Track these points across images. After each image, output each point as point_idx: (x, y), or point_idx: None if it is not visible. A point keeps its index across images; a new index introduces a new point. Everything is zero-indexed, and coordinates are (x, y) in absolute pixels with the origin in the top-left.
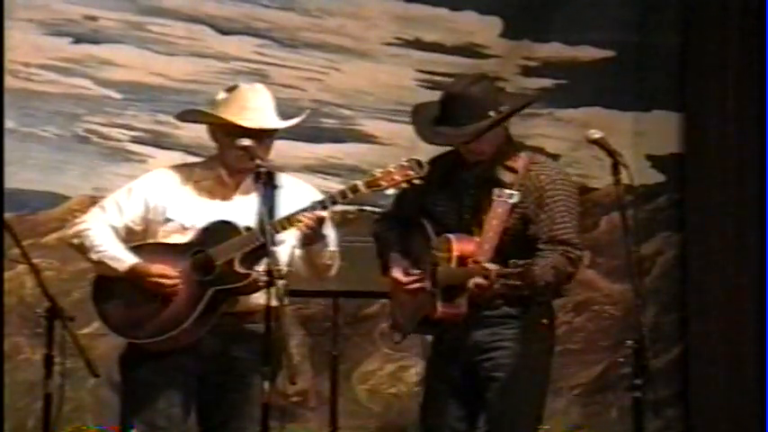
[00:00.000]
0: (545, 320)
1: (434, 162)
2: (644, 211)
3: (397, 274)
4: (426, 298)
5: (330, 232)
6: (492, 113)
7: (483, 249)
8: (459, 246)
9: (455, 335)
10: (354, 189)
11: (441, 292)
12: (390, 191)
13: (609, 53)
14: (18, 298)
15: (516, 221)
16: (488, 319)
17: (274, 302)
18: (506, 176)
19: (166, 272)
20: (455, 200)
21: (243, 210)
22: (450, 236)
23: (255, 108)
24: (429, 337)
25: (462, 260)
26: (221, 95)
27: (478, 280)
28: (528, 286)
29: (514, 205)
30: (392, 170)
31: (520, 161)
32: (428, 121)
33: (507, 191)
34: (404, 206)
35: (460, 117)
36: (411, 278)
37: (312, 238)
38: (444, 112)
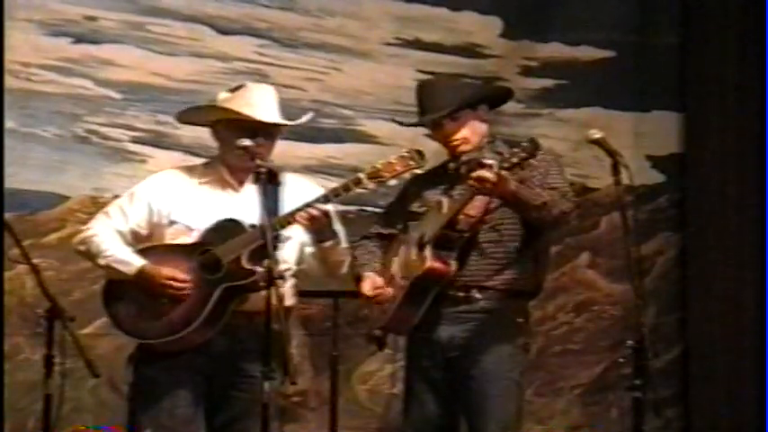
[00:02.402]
0: (521, 319)
1: (425, 173)
2: (644, 211)
3: (366, 289)
4: (407, 268)
5: (340, 228)
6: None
7: (474, 206)
8: (450, 203)
9: (431, 332)
10: (357, 181)
11: (431, 245)
12: (393, 182)
13: (609, 53)
14: (18, 298)
15: None
16: (465, 316)
17: (275, 302)
18: (493, 159)
19: (176, 275)
20: (445, 192)
21: (247, 207)
22: (441, 198)
23: (262, 106)
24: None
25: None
26: (225, 95)
27: (481, 172)
28: (530, 154)
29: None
30: (393, 161)
31: (505, 149)
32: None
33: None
34: (388, 221)
35: (437, 101)
36: (378, 290)
37: (324, 235)
38: (422, 103)
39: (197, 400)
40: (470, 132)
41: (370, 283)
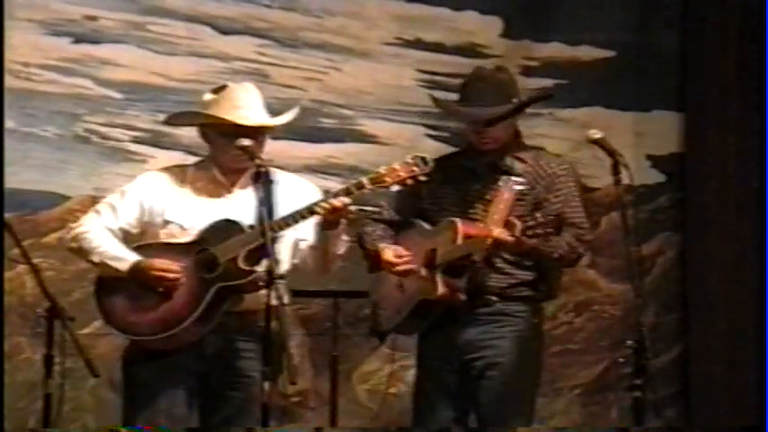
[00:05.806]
0: (536, 320)
1: (437, 162)
2: (644, 211)
3: (389, 255)
4: (416, 286)
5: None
6: (515, 100)
7: (489, 230)
8: (465, 228)
9: (446, 333)
10: (359, 186)
11: (441, 271)
12: (396, 187)
13: (609, 53)
14: (18, 298)
15: (524, 208)
16: (480, 318)
17: (274, 302)
18: (515, 165)
19: (169, 266)
20: (460, 191)
21: (241, 208)
22: (455, 219)
23: (247, 106)
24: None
25: (468, 239)
26: (209, 96)
27: (502, 235)
28: (555, 230)
29: (522, 192)
30: (397, 167)
31: (527, 154)
32: (450, 102)
33: (515, 178)
34: (397, 211)
35: (488, 97)
36: (403, 259)
37: (332, 222)
38: (469, 93)
39: (192, 399)
40: (504, 133)
41: (394, 251)
